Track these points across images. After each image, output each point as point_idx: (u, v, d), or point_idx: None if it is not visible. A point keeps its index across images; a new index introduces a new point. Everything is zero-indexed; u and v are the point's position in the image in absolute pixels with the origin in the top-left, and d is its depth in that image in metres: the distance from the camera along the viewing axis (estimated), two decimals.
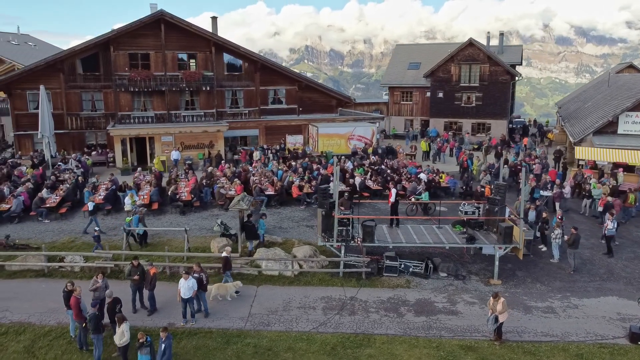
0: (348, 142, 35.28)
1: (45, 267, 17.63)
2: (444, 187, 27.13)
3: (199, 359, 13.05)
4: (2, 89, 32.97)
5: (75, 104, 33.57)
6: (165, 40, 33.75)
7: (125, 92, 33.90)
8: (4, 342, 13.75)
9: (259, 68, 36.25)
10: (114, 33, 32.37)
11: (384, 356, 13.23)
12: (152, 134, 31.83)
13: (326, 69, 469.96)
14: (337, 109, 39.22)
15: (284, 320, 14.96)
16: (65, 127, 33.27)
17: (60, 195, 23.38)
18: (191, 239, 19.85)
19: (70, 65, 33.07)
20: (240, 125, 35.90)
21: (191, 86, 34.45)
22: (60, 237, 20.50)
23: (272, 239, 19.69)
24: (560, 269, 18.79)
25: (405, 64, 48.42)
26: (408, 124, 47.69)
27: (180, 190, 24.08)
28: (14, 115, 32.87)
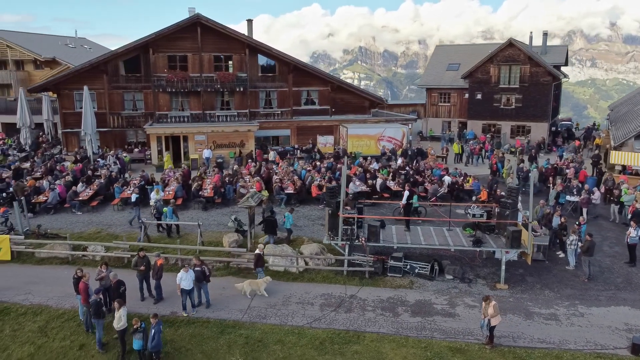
0: (378, 143, 35.31)
1: (69, 256, 18.93)
2: (467, 190, 26.76)
3: (193, 346, 13.74)
4: (52, 89, 35.32)
5: (118, 103, 35.45)
6: (202, 42, 35.03)
7: (163, 93, 35.46)
8: (22, 321, 14.98)
9: (292, 69, 36.91)
10: (152, 36, 33.94)
11: (369, 353, 13.44)
12: (186, 132, 33.15)
13: (379, 70, 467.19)
14: (370, 110, 39.28)
15: (280, 314, 15.43)
16: (108, 125, 35.22)
17: (94, 190, 24.88)
18: (206, 234, 20.72)
19: (114, 66, 34.95)
20: (272, 125, 36.71)
21: (225, 87, 35.57)
22: (89, 228, 21.87)
23: (283, 236, 20.20)
24: (574, 277, 18.26)
25: (444, 65, 47.76)
26: (445, 126, 47.03)
27: (204, 187, 25.05)
28: (62, 114, 35.12)
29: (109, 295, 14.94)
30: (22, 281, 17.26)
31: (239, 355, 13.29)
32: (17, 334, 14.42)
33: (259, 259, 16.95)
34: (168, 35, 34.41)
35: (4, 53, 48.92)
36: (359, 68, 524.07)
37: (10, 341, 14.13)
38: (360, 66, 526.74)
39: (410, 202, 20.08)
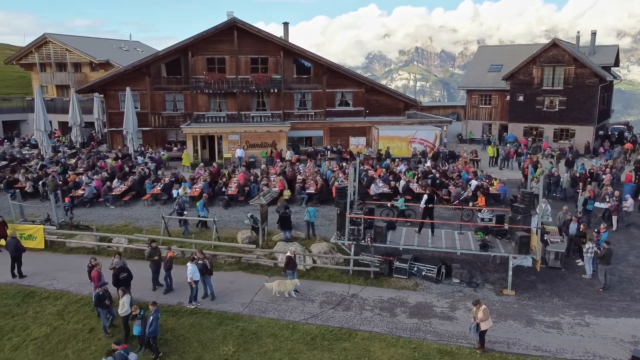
0: (409, 145, 35.18)
1: (95, 246, 20.26)
2: (493, 194, 26.29)
3: (191, 335, 14.49)
4: (99, 90, 37.55)
5: (159, 104, 37.21)
6: (239, 45, 36.17)
7: (202, 94, 36.89)
8: (44, 304, 16.29)
9: (326, 71, 37.40)
10: (192, 39, 35.42)
11: (357, 351, 13.69)
12: (220, 132, 34.37)
13: (436, 71, 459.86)
14: (405, 111, 39.15)
15: (280, 309, 15.93)
16: (150, 124, 37.06)
17: (127, 185, 26.37)
18: (223, 230, 21.57)
19: (156, 69, 36.71)
20: (304, 126, 37.36)
21: (260, 88, 36.55)
22: (118, 221, 23.27)
23: (295, 234, 20.73)
24: (589, 286, 17.70)
25: (486, 66, 46.75)
26: (486, 129, 46.03)
27: (230, 185, 25.99)
28: (108, 114, 37.28)
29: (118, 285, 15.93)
30: (51, 268, 18.66)
31: (232, 345, 13.91)
32: (38, 316, 15.71)
33: (289, 262, 16.98)
34: (207, 39, 35.79)
35: (63, 56, 52.29)
36: (414, 69, 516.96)
37: (31, 322, 15.41)
38: (417, 67, 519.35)
39: (429, 206, 19.96)
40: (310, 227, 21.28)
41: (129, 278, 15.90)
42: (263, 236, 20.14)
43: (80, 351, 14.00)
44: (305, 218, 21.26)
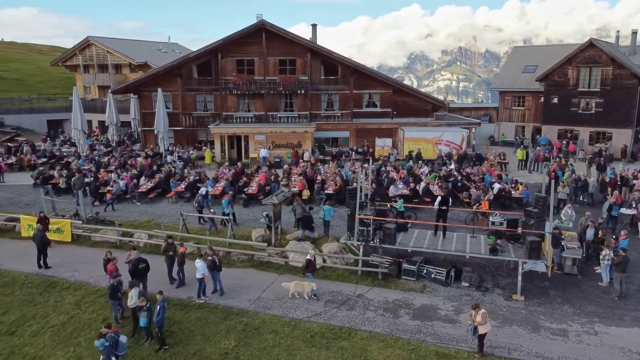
0: (435, 147, 34.90)
1: (118, 241, 21.18)
2: (516, 198, 25.83)
3: (196, 328, 15.01)
4: (133, 91, 38.99)
5: (190, 104, 38.31)
6: (267, 47, 36.81)
7: (231, 95, 37.73)
8: (64, 294, 17.21)
9: (354, 72, 37.54)
10: (221, 42, 36.30)
11: (354, 350, 13.86)
12: (247, 132, 35.10)
13: (480, 71, 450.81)
14: (433, 113, 38.83)
15: (285, 306, 16.26)
16: (181, 124, 38.21)
17: (153, 183, 27.35)
18: (240, 228, 22.11)
19: (188, 70, 37.80)
20: (331, 127, 37.63)
21: (287, 89, 37.07)
22: (142, 217, 24.20)
23: (306, 233, 21.02)
24: (604, 293, 17.24)
25: (521, 67, 45.76)
26: (519, 131, 45.04)
27: (251, 184, 26.55)
28: (141, 114, 38.66)
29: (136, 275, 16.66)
30: (74, 260, 19.65)
31: (233, 340, 14.33)
32: (57, 305, 16.62)
33: (309, 264, 16.85)
34: (236, 41, 36.59)
35: (104, 58, 54.50)
36: (458, 69, 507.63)
37: (51, 310, 16.33)
38: (460, 67, 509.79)
39: (442, 208, 19.89)
40: (326, 225, 21.57)
41: (146, 269, 16.58)
42: (276, 235, 20.53)
43: (92, 339, 14.61)
44: (319, 215, 21.60)
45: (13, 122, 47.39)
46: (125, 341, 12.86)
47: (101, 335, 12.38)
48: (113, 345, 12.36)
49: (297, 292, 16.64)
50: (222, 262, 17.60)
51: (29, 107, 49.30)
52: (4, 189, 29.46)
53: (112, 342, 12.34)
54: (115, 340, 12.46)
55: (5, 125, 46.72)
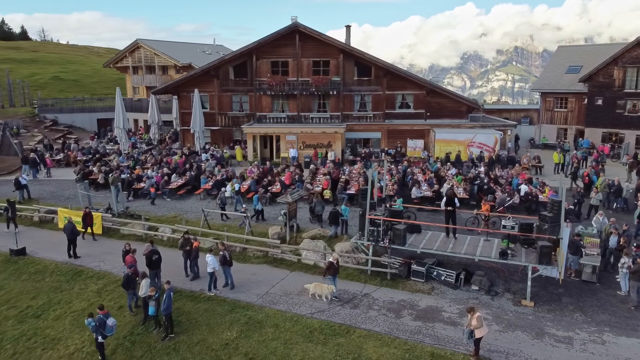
0: (467, 149, 34.39)
1: (144, 234, 22.27)
2: (542, 202, 25.15)
3: (202, 319, 15.70)
4: (172, 91, 40.57)
5: (227, 104, 39.46)
6: (301, 48, 37.42)
7: (266, 95, 38.58)
8: (88, 282, 18.36)
9: (386, 73, 37.52)
10: (255, 44, 37.21)
11: (349, 347, 14.10)
12: (278, 132, 35.81)
13: (537, 72, 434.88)
14: (468, 114, 38.22)
15: (291, 302, 16.69)
16: (217, 124, 39.43)
17: (184, 180, 28.47)
18: (259, 225, 22.74)
19: (224, 71, 38.96)
20: (362, 127, 37.76)
21: (320, 90, 37.51)
22: (170, 212, 25.30)
23: (323, 232, 21.38)
24: (621, 303, 16.67)
25: (564, 68, 44.20)
26: (561, 134, 43.54)
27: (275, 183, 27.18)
28: (180, 113, 40.16)
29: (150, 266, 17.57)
30: (102, 251, 20.87)
31: (235, 332, 14.90)
32: (81, 292, 17.78)
33: (330, 267, 16.67)
34: (271, 43, 37.38)
35: (152, 60, 56.81)
36: (513, 69, 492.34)
37: (74, 297, 17.49)
38: (515, 67, 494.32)
39: (449, 209, 19.82)
40: (344, 224, 21.88)
41: (159, 260, 17.48)
42: (291, 232, 21.01)
43: None
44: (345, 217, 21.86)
45: (66, 121, 50.26)
46: (112, 324, 13.82)
47: (91, 315, 13.53)
48: (101, 326, 13.43)
49: (317, 294, 16.68)
50: (239, 257, 18.33)
51: (80, 107, 52.13)
52: (50, 183, 31.48)
53: (99, 323, 13.43)
54: (103, 322, 13.52)
55: (59, 123, 49.60)
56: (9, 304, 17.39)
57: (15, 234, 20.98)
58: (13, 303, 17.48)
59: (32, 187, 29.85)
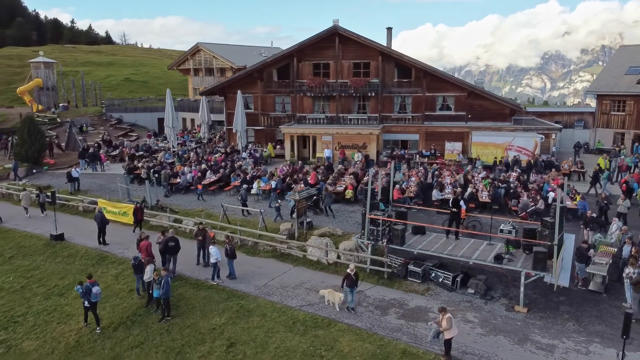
0: (505, 152, 33.53)
1: (169, 225, 23.91)
2: (571, 209, 24.23)
3: (199, 305, 16.86)
4: (219, 93, 42.60)
5: (270, 105, 40.89)
6: (342, 51, 38.09)
7: (307, 97, 39.60)
8: (109, 267, 20.15)
9: (426, 75, 37.32)
10: (297, 46, 38.32)
11: (326, 339, 14.67)
12: (314, 133, 36.67)
13: None
14: (511, 117, 37.16)
15: (285, 294, 17.49)
16: (260, 124, 40.97)
17: (217, 177, 30.05)
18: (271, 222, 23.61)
19: (268, 73, 40.41)
20: (400, 129, 37.78)
21: (358, 92, 37.96)
22: (199, 206, 26.86)
23: (332, 230, 21.97)
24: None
25: (624, 68, 41.69)
26: (618, 138, 41.12)
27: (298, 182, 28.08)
28: (227, 114, 42.08)
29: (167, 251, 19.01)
30: (128, 240, 22.63)
31: (225, 318, 15.92)
32: (102, 275, 19.53)
33: (347, 278, 16.18)
34: (312, 45, 38.34)
35: (211, 62, 59.67)
36: (599, 70, 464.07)
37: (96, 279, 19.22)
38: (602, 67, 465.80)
39: (454, 210, 19.75)
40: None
41: (176, 247, 18.92)
42: (302, 229, 21.78)
43: (115, 306, 17.28)
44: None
45: (130, 120, 54.00)
46: (97, 291, 15.73)
47: (80, 283, 15.53)
48: (87, 292, 15.40)
49: (330, 301, 16.56)
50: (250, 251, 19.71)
51: (143, 107, 55.76)
52: (101, 177, 34.25)
53: (85, 290, 15.38)
54: (89, 289, 15.46)
55: (123, 122, 53.38)
56: (40, 282, 19.47)
57: (55, 221, 23.26)
58: (44, 282, 19.55)
59: (85, 179, 32.74)
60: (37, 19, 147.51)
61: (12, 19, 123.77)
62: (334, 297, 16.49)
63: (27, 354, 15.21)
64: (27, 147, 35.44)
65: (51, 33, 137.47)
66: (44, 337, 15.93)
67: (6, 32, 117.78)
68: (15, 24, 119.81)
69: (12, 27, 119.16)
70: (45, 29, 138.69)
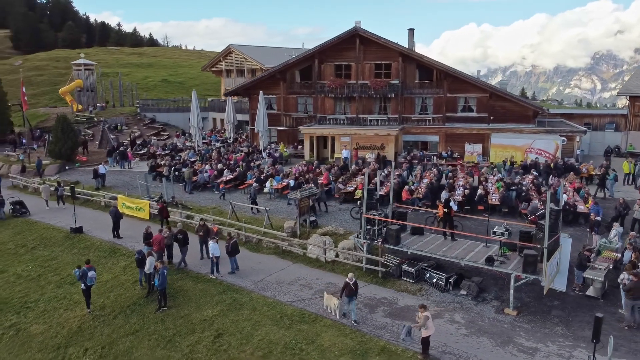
0: (525, 154, 32.95)
1: (181, 222, 24.84)
2: (583, 213, 23.73)
3: (195, 297, 17.61)
4: (243, 93, 43.59)
5: (292, 106, 41.58)
6: (363, 52, 38.34)
7: (328, 98, 40.05)
8: (119, 259, 21.21)
9: (447, 76, 37.08)
10: (318, 48, 38.84)
11: (309, 334, 15.08)
12: (333, 134, 37.04)
13: None
14: (535, 119, 36.43)
15: (279, 290, 18.00)
16: (282, 124, 41.71)
17: (233, 175, 30.91)
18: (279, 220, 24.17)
19: (291, 75, 41.12)
20: (419, 130, 37.68)
21: (378, 93, 38.10)
22: (212, 203, 27.74)
23: (335, 229, 22.33)
24: (617, 321, 15.74)
25: None
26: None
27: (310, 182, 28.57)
28: (250, 114, 43.02)
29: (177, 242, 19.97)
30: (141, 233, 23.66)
31: (217, 310, 16.58)
32: (112, 267, 20.64)
33: (344, 287, 15.55)
34: (333, 47, 38.77)
35: (242, 64, 60.99)
36: None
37: (105, 270, 20.39)
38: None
39: (445, 211, 19.80)
40: None
41: (184, 240, 19.90)
42: (305, 228, 22.25)
43: (119, 295, 18.26)
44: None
45: (162, 119, 55.91)
46: (92, 276, 17.16)
47: (79, 267, 16.95)
48: (83, 276, 16.74)
49: (328, 306, 16.28)
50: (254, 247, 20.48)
51: (175, 107, 57.59)
52: (127, 174, 35.72)
53: (82, 273, 16.73)
54: (85, 273, 16.78)
55: (156, 121, 55.32)
56: (56, 272, 20.73)
57: (74, 215, 24.58)
58: (59, 271, 20.80)
59: (112, 176, 34.31)
60: (87, 23, 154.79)
61: (64, 22, 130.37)
62: (330, 301, 16.16)
63: (33, 337, 16.33)
64: (60, 144, 37.40)
65: (99, 36, 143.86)
66: (50, 322, 17.04)
67: (58, 35, 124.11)
68: (66, 28, 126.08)
69: (63, 30, 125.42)
70: (94, 32, 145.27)
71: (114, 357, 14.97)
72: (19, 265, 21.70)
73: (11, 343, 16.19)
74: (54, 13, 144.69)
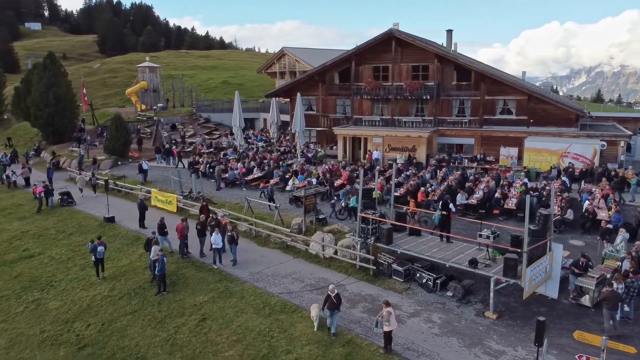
0: (561, 159, 31.74)
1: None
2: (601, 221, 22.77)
3: (192, 284, 18.92)
4: (283, 95, 44.93)
5: (331, 107, 42.42)
6: (400, 54, 38.47)
7: (366, 99, 40.51)
8: (139, 247, 22.92)
9: (485, 78, 36.38)
10: (354, 50, 39.39)
11: (284, 323, 15.87)
12: (365, 135, 37.43)
13: None
14: (577, 122, 34.91)
15: (271, 281, 18.93)
16: (320, 125, 42.64)
17: (262, 173, 32.23)
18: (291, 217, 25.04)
19: (330, 76, 41.97)
20: (454, 133, 37.20)
21: (413, 95, 38.03)
22: (236, 199, 29.13)
23: (340, 227, 22.91)
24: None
25: None
26: None
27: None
28: (291, 115, 44.30)
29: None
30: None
31: (208, 297, 17.77)
32: (131, 254, 22.46)
33: (326, 300, 14.84)
34: (370, 49, 39.20)
35: (294, 66, 62.61)
36: None
37: (125, 256, 22.25)
38: None
39: (443, 213, 19.80)
40: None
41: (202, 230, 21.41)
42: (311, 225, 23.03)
43: (129, 279, 19.97)
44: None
45: (216, 119, 58.61)
46: (101, 250, 19.93)
47: (92, 241, 19.53)
48: (93, 250, 19.48)
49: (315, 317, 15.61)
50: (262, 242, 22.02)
51: (229, 107, 60.09)
52: (169, 170, 38.07)
53: (93, 247, 19.37)
54: (95, 247, 19.44)
55: (210, 121, 58.12)
56: (83, 256, 22.82)
57: (107, 205, 26.86)
58: (85, 255, 22.78)
59: (156, 172, 36.78)
60: (167, 27, 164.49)
61: (145, 27, 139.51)
62: (313, 311, 15.70)
63: (49, 311, 18.31)
64: (114, 141, 40.55)
65: (175, 39, 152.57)
66: (66, 299, 18.99)
67: (138, 39, 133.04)
68: (145, 32, 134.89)
69: (143, 34, 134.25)
70: (171, 36, 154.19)
71: (110, 332, 16.53)
72: (55, 249, 24.10)
73: (30, 315, 18.25)
74: (137, 18, 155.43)
